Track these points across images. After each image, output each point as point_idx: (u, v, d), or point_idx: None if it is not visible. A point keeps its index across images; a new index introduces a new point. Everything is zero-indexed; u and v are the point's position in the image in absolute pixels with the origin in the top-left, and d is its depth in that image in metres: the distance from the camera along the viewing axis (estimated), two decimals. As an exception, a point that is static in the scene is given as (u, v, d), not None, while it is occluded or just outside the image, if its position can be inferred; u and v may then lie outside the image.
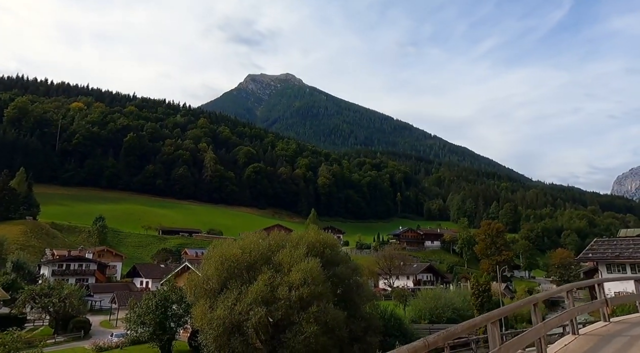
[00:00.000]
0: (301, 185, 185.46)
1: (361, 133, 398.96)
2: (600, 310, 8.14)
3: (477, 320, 4.62)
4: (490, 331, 4.69)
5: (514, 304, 5.90)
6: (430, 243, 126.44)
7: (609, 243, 37.11)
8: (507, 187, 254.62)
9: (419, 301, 42.94)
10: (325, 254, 28.28)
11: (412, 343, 3.57)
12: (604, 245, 36.32)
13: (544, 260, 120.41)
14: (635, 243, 35.11)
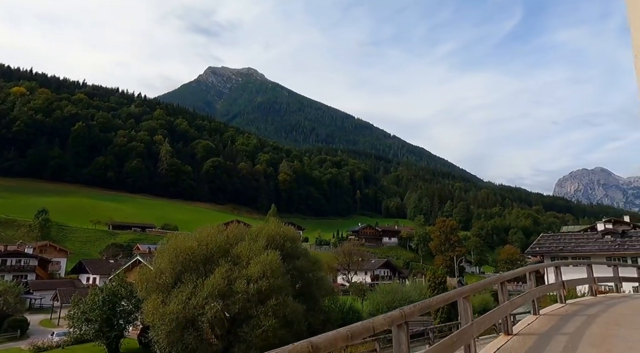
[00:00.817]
0: (261, 181, 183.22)
1: (322, 130, 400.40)
2: (557, 292, 8.29)
3: (450, 294, 4.39)
4: (463, 306, 4.48)
5: (483, 281, 5.78)
6: (388, 240, 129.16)
7: (553, 238, 39.43)
8: (461, 186, 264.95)
9: (376, 295, 43.44)
10: (285, 247, 27.83)
11: (390, 312, 3.25)
12: (549, 239, 38.51)
13: (492, 257, 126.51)
14: (577, 238, 37.54)
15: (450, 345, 3.81)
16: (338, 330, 2.59)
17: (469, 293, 4.58)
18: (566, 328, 6.03)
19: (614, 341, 5.20)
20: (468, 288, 4.67)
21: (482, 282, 5.57)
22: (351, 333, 2.55)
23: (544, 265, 8.87)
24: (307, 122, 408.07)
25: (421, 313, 4.13)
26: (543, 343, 5.20)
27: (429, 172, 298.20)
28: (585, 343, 5.11)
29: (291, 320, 23.24)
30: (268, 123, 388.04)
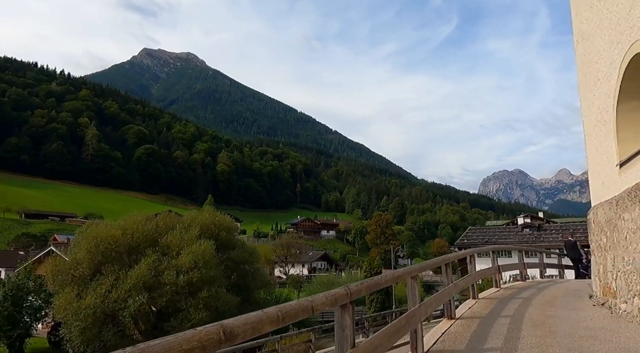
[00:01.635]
0: (199, 171, 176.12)
1: (264, 122, 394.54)
2: (493, 277, 8.30)
3: (399, 272, 3.91)
4: (411, 286, 4.00)
5: (430, 261, 5.44)
6: (326, 233, 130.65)
7: (480, 231, 42.21)
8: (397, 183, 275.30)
9: (313, 286, 43.43)
10: (220, 237, 26.46)
11: (333, 290, 2.63)
12: (476, 232, 41.15)
13: (423, 250, 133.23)
14: (500, 231, 40.53)
15: (398, 330, 3.32)
16: (265, 310, 1.92)
17: (418, 272, 4.14)
18: (506, 310, 5.91)
19: (555, 321, 5.10)
20: (417, 267, 4.23)
21: (429, 262, 5.21)
22: (283, 314, 1.89)
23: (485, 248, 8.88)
24: (249, 113, 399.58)
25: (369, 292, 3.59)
26: (487, 326, 4.96)
27: (367, 168, 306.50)
28: (527, 325, 4.94)
29: (224, 313, 22.07)
30: (208, 111, 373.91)
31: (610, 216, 5.72)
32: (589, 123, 6.82)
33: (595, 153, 6.53)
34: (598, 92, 6.08)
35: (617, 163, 5.46)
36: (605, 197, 6.08)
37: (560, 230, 37.10)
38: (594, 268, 6.75)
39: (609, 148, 5.85)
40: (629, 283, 5.11)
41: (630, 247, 4.96)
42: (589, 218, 6.91)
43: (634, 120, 5.25)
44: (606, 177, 6.04)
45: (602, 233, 6.21)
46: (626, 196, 4.96)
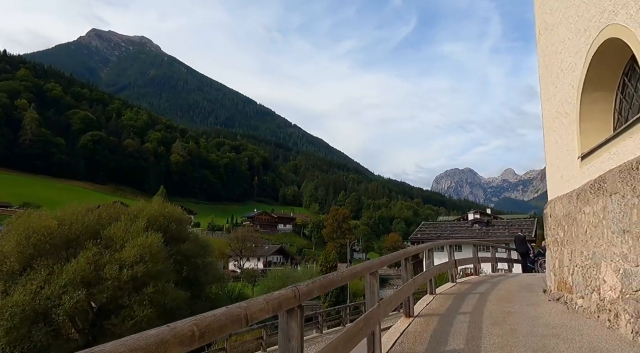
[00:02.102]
0: (151, 161, 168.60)
1: (222, 113, 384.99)
2: (449, 272, 8.15)
3: (357, 268, 3.45)
4: (369, 283, 3.57)
5: (390, 255, 5.04)
6: (283, 227, 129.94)
7: (432, 225, 43.41)
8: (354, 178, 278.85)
9: (267, 281, 42.75)
10: (169, 229, 25.18)
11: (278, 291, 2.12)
12: (429, 227, 42.24)
13: (378, 244, 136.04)
14: (452, 226, 41.86)
15: (356, 334, 2.86)
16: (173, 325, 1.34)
17: (377, 268, 3.71)
18: (465, 307, 5.68)
19: (514, 319, 4.91)
20: (377, 262, 3.80)
21: (389, 256, 4.81)
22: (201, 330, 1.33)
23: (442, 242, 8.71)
24: (206, 103, 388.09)
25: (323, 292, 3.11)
26: (447, 324, 4.66)
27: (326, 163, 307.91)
28: (488, 323, 4.70)
29: (172, 309, 21.01)
30: (162, 99, 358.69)
31: (569, 210, 5.61)
32: (549, 116, 6.73)
33: (555, 146, 6.44)
34: (561, 84, 5.95)
35: (579, 156, 5.34)
36: (564, 191, 5.99)
37: (506, 225, 38.88)
38: (549, 262, 6.70)
39: (570, 141, 5.73)
40: (586, 278, 4.99)
41: (591, 241, 4.82)
42: (546, 212, 6.85)
43: (597, 111, 5.13)
44: (566, 171, 5.94)
45: (559, 228, 6.13)
46: (588, 189, 4.80)
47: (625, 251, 3.92)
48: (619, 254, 4.07)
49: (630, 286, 3.84)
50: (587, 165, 5.08)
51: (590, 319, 4.70)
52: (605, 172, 4.41)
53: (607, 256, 4.34)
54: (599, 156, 4.73)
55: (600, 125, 5.13)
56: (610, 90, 4.99)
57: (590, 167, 4.99)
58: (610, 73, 4.86)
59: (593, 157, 4.92)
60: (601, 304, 4.55)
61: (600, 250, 4.53)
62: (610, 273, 4.27)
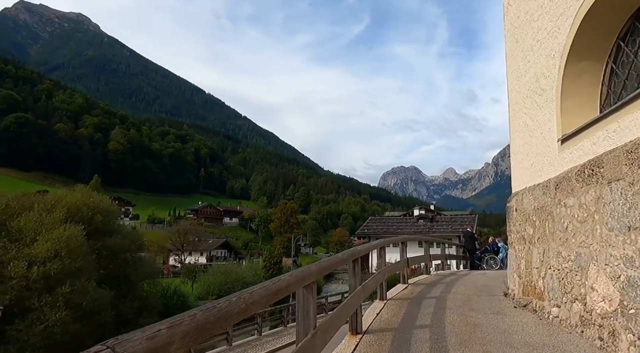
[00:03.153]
0: (86, 148, 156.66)
1: (168, 101, 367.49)
2: (400, 272, 7.24)
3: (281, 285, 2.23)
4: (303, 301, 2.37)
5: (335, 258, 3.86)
6: (229, 220, 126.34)
7: (379, 221, 43.51)
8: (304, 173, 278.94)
9: (209, 276, 40.56)
10: (94, 221, 22.50)
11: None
12: (376, 222, 42.26)
13: (325, 239, 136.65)
14: (398, 221, 42.18)
15: None
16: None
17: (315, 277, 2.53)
18: (422, 317, 4.72)
19: (484, 335, 3.99)
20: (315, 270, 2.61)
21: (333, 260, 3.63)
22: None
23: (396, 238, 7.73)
24: (151, 89, 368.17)
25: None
26: (404, 345, 3.61)
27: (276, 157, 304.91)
28: (453, 342, 3.73)
29: (92, 311, 18.68)
30: (101, 83, 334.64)
31: (543, 203, 4.79)
32: (517, 97, 5.92)
33: (524, 130, 5.63)
34: (536, 56, 5.12)
35: (559, 138, 4.50)
36: (535, 181, 5.19)
37: (449, 222, 39.81)
38: (513, 262, 5.92)
39: (545, 122, 4.91)
40: (565, 284, 4.17)
41: (574, 239, 3.98)
42: (510, 206, 6.06)
43: (583, 85, 4.31)
44: (538, 157, 5.14)
45: (527, 223, 5.33)
46: (574, 177, 3.94)
47: (631, 253, 3.06)
48: (619, 257, 3.22)
49: (636, 298, 2.99)
50: (571, 148, 4.24)
51: (572, 334, 3.88)
52: (600, 155, 3.56)
53: (600, 259, 3.50)
54: (589, 136, 3.88)
55: (586, 102, 4.32)
56: (599, 60, 4.18)
57: (575, 150, 4.15)
58: (602, 37, 4.04)
59: (580, 139, 4.08)
60: (587, 317, 3.72)
61: (589, 251, 3.69)
62: (604, 280, 3.43)
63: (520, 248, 5.60)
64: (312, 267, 2.69)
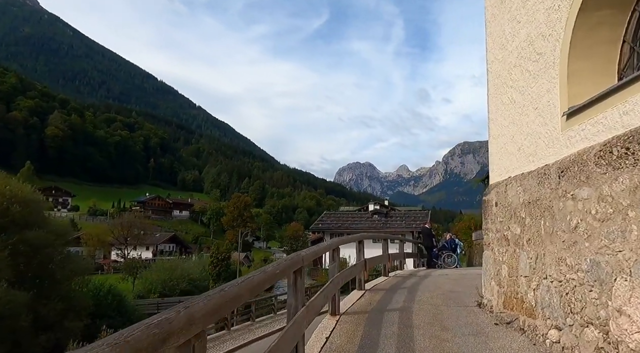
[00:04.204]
0: (19, 132, 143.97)
1: (116, 86, 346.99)
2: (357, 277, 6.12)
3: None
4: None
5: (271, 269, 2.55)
6: (179, 213, 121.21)
7: (334, 215, 42.69)
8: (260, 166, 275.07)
9: (152, 272, 37.79)
10: (10, 212, 19.72)
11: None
12: (331, 217, 41.40)
13: (280, 233, 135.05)
14: (353, 216, 41.56)
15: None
16: None
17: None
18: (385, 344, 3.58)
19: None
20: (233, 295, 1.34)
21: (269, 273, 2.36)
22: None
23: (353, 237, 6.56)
24: (97, 73, 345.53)
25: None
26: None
27: (231, 149, 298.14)
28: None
29: (1, 315, 16.18)
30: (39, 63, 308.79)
31: (538, 195, 3.79)
32: (500, 69, 4.93)
33: (510, 107, 4.64)
34: (530, 13, 4.11)
35: (564, 112, 3.50)
36: (524, 168, 4.20)
37: (403, 217, 39.83)
38: (490, 267, 4.95)
39: (542, 94, 3.92)
40: (572, 301, 3.18)
41: (589, 243, 2.98)
42: (487, 199, 5.08)
43: (600, 43, 3.32)
44: (530, 139, 4.15)
45: (512, 220, 4.35)
46: (592, 160, 2.93)
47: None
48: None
49: None
50: (584, 123, 3.24)
51: (586, 371, 2.89)
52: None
53: (637, 272, 2.49)
54: (617, 103, 2.87)
55: (601, 65, 3.34)
56: (623, 6, 3.19)
57: (590, 125, 3.15)
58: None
59: (599, 109, 3.08)
60: (610, 350, 2.73)
61: (616, 260, 2.69)
62: (645, 302, 2.43)
63: (501, 250, 4.63)
64: (230, 290, 1.47)
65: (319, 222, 40.47)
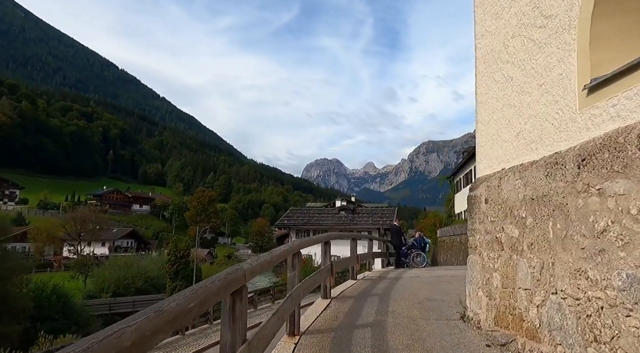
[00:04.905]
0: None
1: (73, 73, 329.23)
2: (322, 284, 5.27)
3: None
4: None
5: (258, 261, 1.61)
6: (139, 208, 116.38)
7: (300, 211, 41.73)
8: (226, 160, 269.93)
9: (105, 270, 35.47)
10: None
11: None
12: (297, 213, 40.43)
13: (245, 229, 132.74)
14: (319, 213, 40.80)
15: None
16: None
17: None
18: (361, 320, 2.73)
19: None
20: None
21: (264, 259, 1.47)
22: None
23: (322, 237, 5.66)
24: (51, 59, 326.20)
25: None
26: None
27: (196, 142, 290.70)
28: None
29: None
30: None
31: (546, 190, 3.07)
32: (492, 43, 4.21)
33: (505, 86, 3.92)
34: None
35: (585, 85, 2.78)
36: (525, 158, 3.49)
37: (370, 214, 39.52)
38: (477, 274, 4.24)
39: (551, 66, 3.20)
40: (595, 326, 2.47)
41: (625, 253, 2.28)
42: (475, 195, 4.36)
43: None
44: (533, 122, 3.43)
45: (508, 220, 3.63)
46: (634, 142, 2.22)
47: None
48: None
49: None
50: (619, 96, 2.52)
51: None
52: None
53: None
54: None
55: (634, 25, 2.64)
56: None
57: (627, 100, 2.43)
58: None
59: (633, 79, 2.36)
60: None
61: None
62: None
63: (492, 256, 3.91)
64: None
65: (285, 218, 39.48)
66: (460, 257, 27.78)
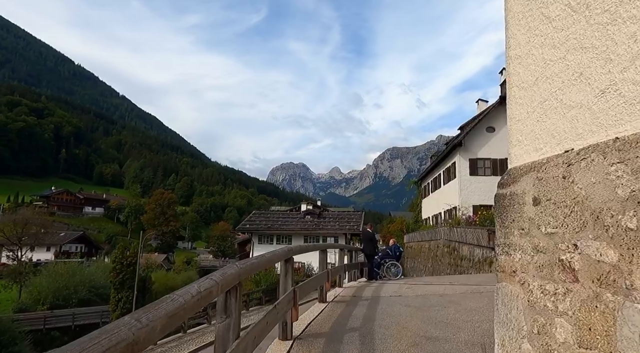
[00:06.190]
0: None
1: (23, 67, 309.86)
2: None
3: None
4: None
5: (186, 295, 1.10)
6: (91, 210, 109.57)
7: (264, 215, 39.69)
8: (188, 162, 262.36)
9: (42, 279, 31.88)
10: None
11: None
12: (260, 217, 38.36)
13: (207, 232, 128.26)
14: (284, 217, 38.95)
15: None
16: None
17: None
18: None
19: None
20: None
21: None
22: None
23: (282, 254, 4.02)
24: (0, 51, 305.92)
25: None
26: None
27: (157, 142, 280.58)
28: None
29: None
30: None
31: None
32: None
33: (570, 19, 2.49)
34: None
35: None
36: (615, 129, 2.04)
37: (336, 218, 38.16)
38: (517, 316, 2.77)
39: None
40: None
41: None
42: (514, 193, 2.89)
43: None
44: (631, 68, 1.99)
45: (590, 233, 2.18)
46: None
47: None
48: None
49: None
50: None
51: None
52: None
53: None
54: None
55: None
56: None
57: None
58: None
59: None
60: None
61: None
62: None
63: (549, 289, 2.45)
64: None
65: (247, 222, 37.38)
66: (429, 264, 26.87)
